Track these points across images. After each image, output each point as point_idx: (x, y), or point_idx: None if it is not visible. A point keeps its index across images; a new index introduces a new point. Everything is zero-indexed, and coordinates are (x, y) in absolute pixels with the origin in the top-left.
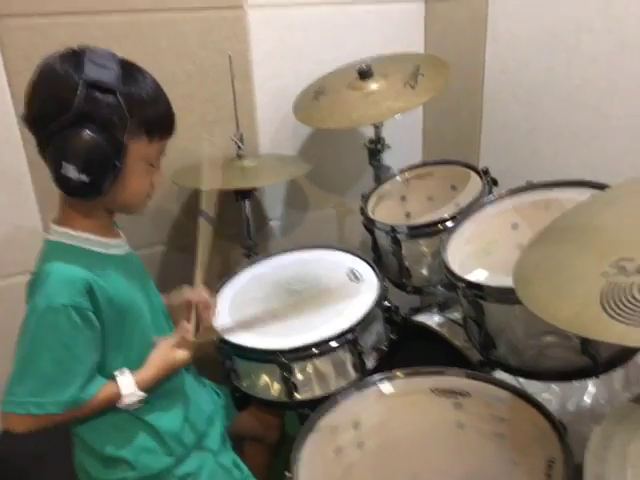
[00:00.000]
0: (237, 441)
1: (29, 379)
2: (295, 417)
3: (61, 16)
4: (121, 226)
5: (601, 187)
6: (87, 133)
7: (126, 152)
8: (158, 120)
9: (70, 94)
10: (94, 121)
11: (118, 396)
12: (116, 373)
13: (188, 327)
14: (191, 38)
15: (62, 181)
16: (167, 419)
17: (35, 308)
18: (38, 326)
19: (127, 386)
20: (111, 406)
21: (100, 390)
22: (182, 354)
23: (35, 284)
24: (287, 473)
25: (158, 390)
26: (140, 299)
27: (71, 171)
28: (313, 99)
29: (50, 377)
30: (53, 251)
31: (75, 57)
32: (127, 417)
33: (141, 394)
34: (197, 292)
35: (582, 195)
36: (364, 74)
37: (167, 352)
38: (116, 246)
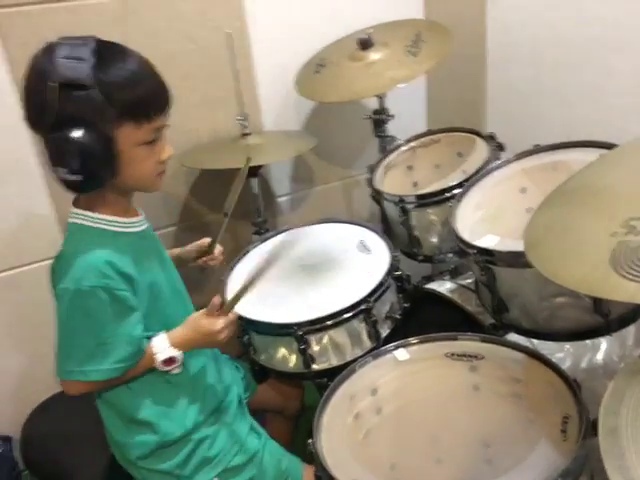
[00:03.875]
0: (259, 414)
1: (72, 352)
2: (314, 388)
3: (58, 2)
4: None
5: (609, 147)
6: (71, 136)
7: (115, 142)
8: (140, 102)
9: (48, 98)
10: (76, 121)
11: (152, 356)
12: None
13: (216, 300)
14: (189, 17)
15: (62, 182)
16: (191, 388)
17: (65, 291)
18: (70, 308)
19: (159, 342)
20: (149, 368)
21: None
22: (209, 320)
23: (61, 269)
24: (309, 440)
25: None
26: (159, 274)
27: (64, 174)
28: (314, 73)
29: (90, 349)
30: (74, 234)
31: (48, 55)
32: (161, 382)
33: (174, 351)
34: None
35: (590, 155)
36: (365, 44)
37: (197, 316)
38: (135, 224)
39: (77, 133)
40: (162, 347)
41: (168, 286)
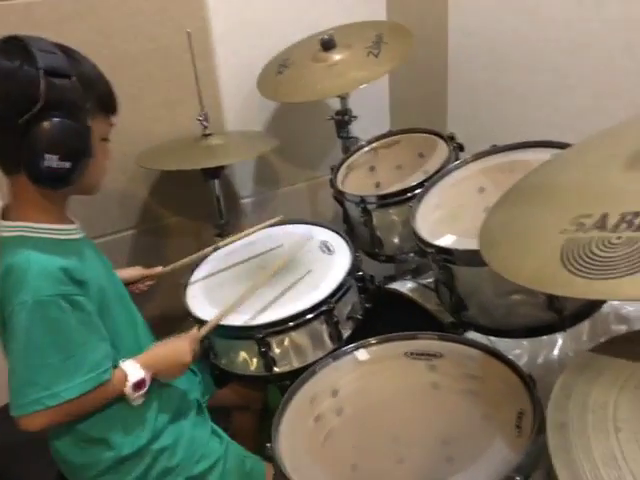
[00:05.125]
0: (223, 410)
1: (37, 376)
2: (277, 390)
3: None
4: (88, 214)
5: (562, 146)
6: (59, 120)
7: (91, 133)
8: (109, 95)
9: (33, 86)
10: (61, 108)
11: (124, 379)
12: (119, 361)
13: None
14: (148, 16)
15: (44, 173)
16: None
17: (23, 305)
18: (31, 322)
19: (128, 365)
20: (119, 394)
21: (112, 374)
22: (185, 343)
23: (12, 284)
24: (267, 445)
25: None
26: (104, 280)
27: (54, 161)
28: (277, 73)
29: (58, 367)
30: (17, 247)
31: (20, 48)
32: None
33: (143, 372)
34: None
35: (545, 155)
36: (327, 45)
37: (172, 341)
38: (73, 232)
39: (67, 118)
40: (132, 369)
41: (113, 291)
